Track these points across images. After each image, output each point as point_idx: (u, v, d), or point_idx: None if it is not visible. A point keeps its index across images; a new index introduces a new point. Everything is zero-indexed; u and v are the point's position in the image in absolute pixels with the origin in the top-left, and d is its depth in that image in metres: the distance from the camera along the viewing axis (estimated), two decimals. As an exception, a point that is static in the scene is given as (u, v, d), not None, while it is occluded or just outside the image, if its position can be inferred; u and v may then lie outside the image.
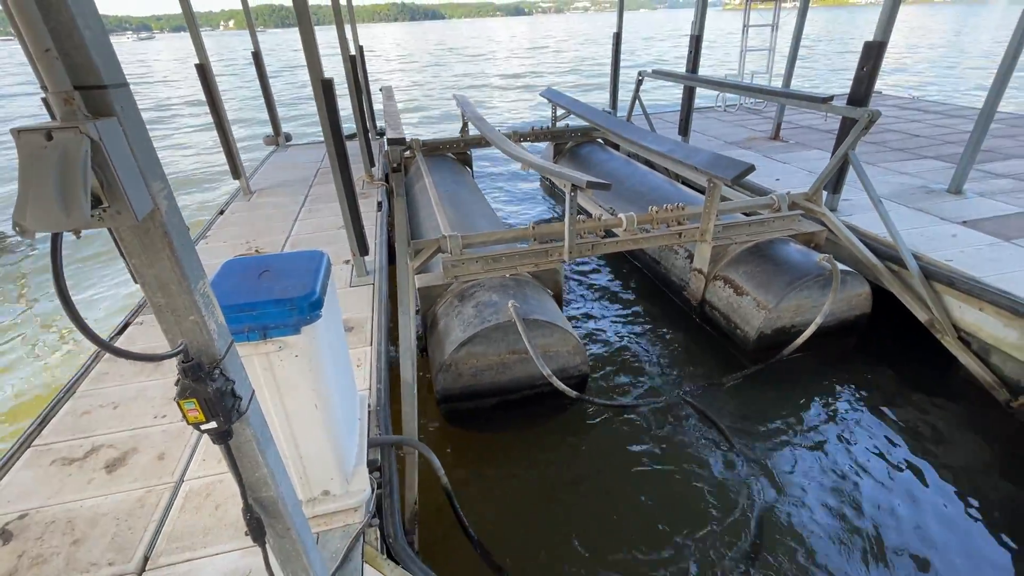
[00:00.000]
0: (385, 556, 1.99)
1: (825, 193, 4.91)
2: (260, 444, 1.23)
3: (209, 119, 6.33)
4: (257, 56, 7.64)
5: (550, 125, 8.15)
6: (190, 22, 5.22)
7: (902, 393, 3.85)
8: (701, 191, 5.88)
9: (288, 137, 8.64)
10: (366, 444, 2.27)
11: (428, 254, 3.86)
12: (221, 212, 5.76)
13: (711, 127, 8.46)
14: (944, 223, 4.54)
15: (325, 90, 3.37)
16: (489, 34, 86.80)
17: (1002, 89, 4.61)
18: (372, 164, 6.59)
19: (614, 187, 6.32)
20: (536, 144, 8.29)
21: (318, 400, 1.87)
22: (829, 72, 23.85)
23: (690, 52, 6.73)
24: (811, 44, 38.62)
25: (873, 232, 4.40)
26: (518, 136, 7.68)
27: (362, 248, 3.91)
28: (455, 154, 7.75)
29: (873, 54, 4.23)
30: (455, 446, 3.55)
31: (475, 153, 8.87)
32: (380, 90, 6.74)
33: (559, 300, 4.13)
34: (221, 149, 5.94)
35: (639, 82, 7.44)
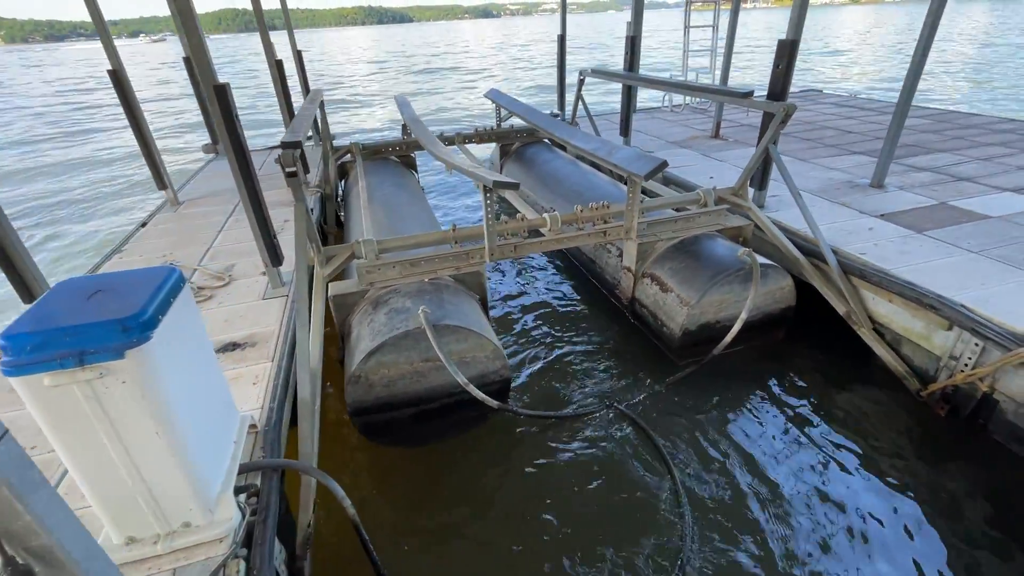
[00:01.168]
0: (244, 589, 1.86)
1: (752, 191, 4.97)
2: (15, 490, 1.10)
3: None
4: (188, 61, 7.37)
5: (495, 126, 8.09)
6: (100, 28, 4.97)
7: (827, 385, 3.89)
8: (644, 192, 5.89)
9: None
10: (236, 469, 2.14)
11: (341, 260, 3.74)
12: (143, 224, 5.51)
13: (655, 127, 8.52)
14: (863, 216, 4.63)
15: (219, 96, 3.22)
16: (462, 36, 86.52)
17: (914, 85, 4.73)
18: (307, 171, 6.41)
19: (556, 187, 6.31)
20: (482, 145, 8.23)
21: (158, 428, 1.74)
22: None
23: (627, 52, 6.75)
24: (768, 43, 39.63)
25: (795, 227, 4.45)
26: (462, 138, 7.60)
27: (274, 258, 3.76)
28: (399, 157, 7.62)
29: (786, 52, 4.28)
30: (371, 462, 3.43)
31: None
32: (309, 91, 6.54)
33: (484, 303, 4.05)
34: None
35: (580, 82, 7.43)
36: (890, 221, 4.50)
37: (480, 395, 3.33)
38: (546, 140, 7.99)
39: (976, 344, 3.12)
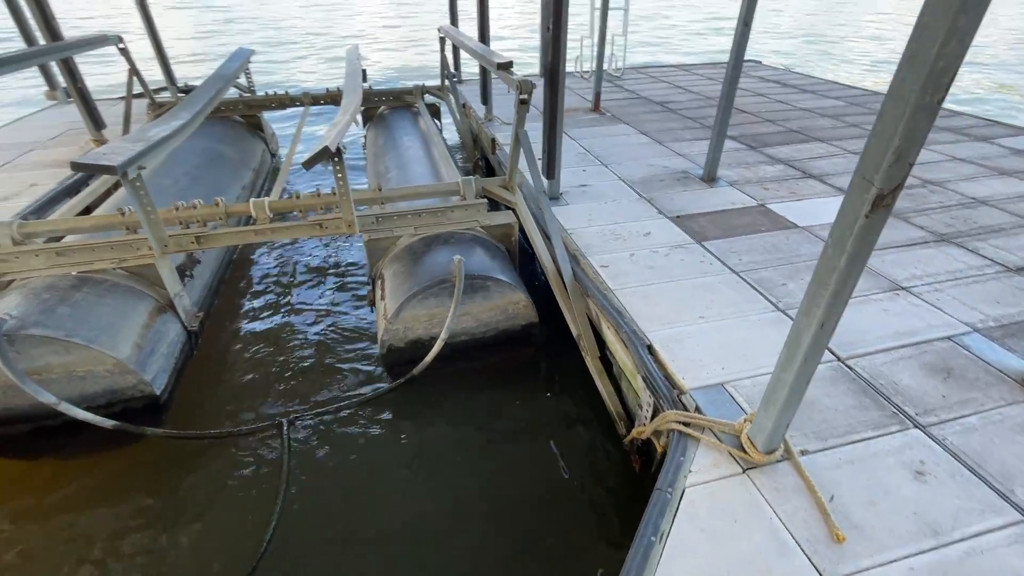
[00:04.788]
0: None
1: (548, 182, 4.28)
2: None
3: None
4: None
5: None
6: None
7: (548, 415, 3.35)
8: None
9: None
10: None
11: (-39, 247, 3.17)
12: None
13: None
14: (656, 218, 3.94)
15: None
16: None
17: (739, 63, 3.94)
18: (101, 127, 5.75)
19: (388, 164, 5.61)
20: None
21: None
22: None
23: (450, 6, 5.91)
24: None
25: (571, 228, 3.80)
26: (311, 98, 6.86)
27: None
28: (243, 117, 6.92)
29: (550, 14, 3.51)
30: None
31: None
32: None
33: (169, 304, 3.50)
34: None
35: (441, 40, 6.60)
36: (679, 225, 3.82)
37: (83, 415, 2.83)
38: (415, 107, 7.22)
39: (649, 394, 2.54)
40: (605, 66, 9.36)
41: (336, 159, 3.20)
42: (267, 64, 15.73)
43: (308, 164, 2.90)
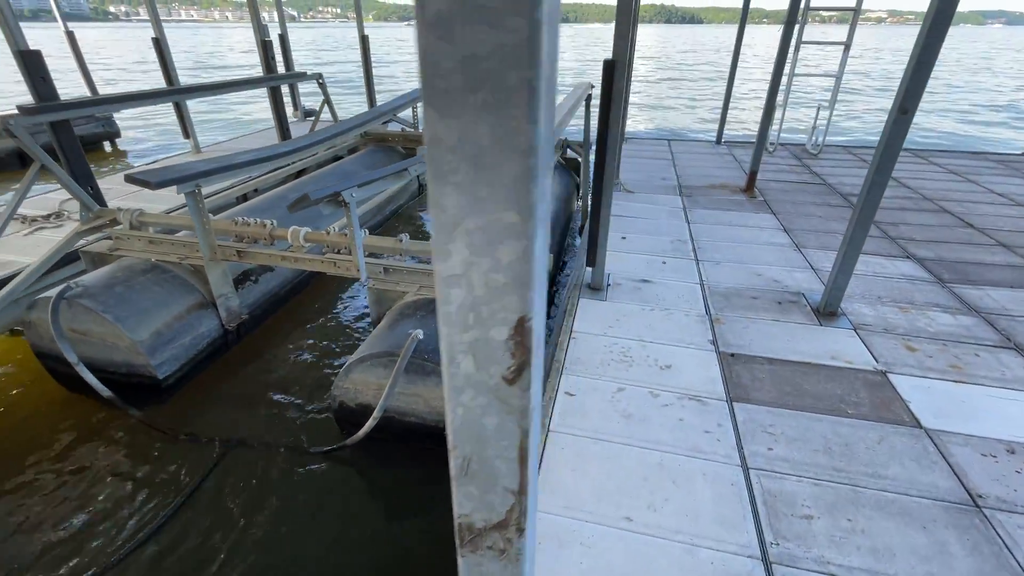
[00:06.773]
0: None
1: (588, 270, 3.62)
2: None
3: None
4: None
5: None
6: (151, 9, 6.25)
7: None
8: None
9: (308, 113, 9.61)
10: None
11: (102, 221, 4.08)
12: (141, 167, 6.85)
13: (705, 163, 6.68)
14: (702, 348, 2.95)
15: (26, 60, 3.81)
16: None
17: (893, 154, 2.73)
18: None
19: None
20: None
21: None
22: None
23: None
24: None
25: (586, 331, 3.11)
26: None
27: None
28: (404, 148, 7.72)
29: (608, 75, 2.93)
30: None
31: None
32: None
33: (210, 300, 3.95)
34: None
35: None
36: (725, 366, 2.77)
37: (90, 378, 3.35)
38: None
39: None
40: (804, 140, 7.86)
41: (345, 205, 3.20)
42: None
43: (293, 208, 2.94)
